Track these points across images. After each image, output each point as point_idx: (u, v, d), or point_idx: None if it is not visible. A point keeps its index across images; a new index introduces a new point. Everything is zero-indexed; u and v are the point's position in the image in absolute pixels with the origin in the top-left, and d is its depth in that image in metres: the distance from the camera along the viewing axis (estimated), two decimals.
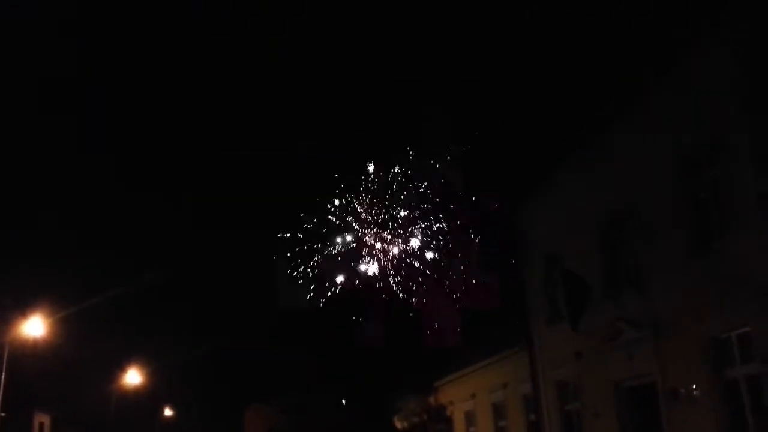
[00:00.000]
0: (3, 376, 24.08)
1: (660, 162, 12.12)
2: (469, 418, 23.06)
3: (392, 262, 31.63)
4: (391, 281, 31.23)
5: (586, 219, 14.67)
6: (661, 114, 12.21)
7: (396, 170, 31.36)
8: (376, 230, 31.82)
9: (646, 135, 12.62)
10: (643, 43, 12.22)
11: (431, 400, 26.22)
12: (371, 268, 31.55)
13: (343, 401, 36.08)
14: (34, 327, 25.56)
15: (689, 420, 11.38)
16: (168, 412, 54.60)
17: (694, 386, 11.26)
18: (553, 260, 16.21)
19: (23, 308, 26.00)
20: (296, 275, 32.49)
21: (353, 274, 32.18)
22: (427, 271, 30.54)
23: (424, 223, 30.76)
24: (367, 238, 31.69)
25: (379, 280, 31.60)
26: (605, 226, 14.27)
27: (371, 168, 31.67)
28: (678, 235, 11.72)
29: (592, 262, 14.37)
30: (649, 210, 12.48)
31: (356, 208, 32.30)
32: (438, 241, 30.75)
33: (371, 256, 32.23)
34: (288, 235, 33.04)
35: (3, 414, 24.21)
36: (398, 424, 29.31)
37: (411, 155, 30.36)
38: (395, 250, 31.45)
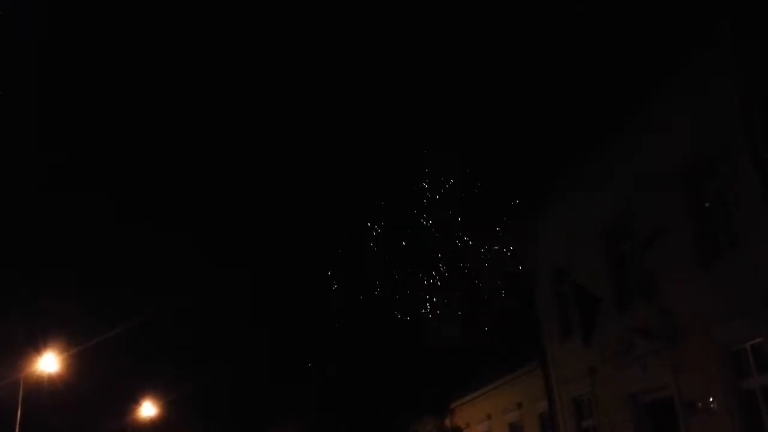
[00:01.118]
0: (19, 413, 24.13)
1: (664, 171, 12.07)
2: None
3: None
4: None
5: (592, 231, 14.60)
6: (662, 123, 12.19)
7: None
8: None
9: (648, 144, 12.60)
10: (643, 52, 12.26)
11: (447, 422, 25.98)
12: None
13: (358, 425, 35.78)
14: (48, 363, 25.69)
15: None
16: None
17: (711, 398, 11.13)
18: (561, 275, 16.13)
19: (37, 344, 26.15)
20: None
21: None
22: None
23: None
24: None
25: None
26: (611, 238, 14.21)
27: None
28: (687, 244, 11.65)
29: (600, 275, 14.28)
30: (655, 220, 12.43)
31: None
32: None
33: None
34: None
35: None
36: None
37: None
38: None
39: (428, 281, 31.13)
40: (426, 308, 31.01)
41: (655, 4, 12.20)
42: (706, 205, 11.72)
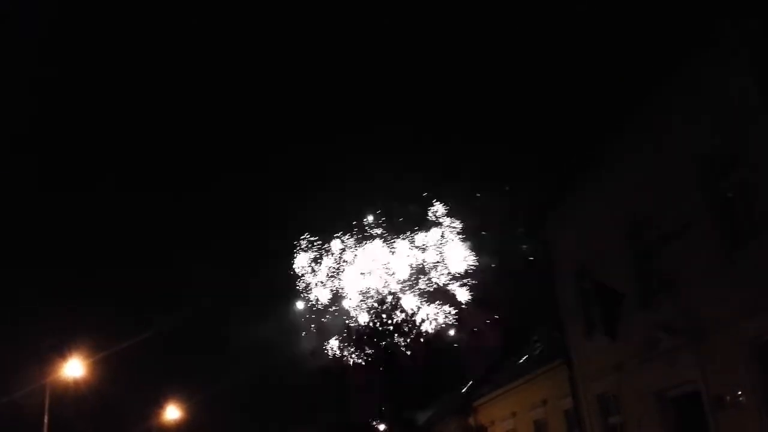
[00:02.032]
0: (46, 418, 24.41)
1: (684, 165, 11.98)
2: None
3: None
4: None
5: (614, 227, 14.51)
6: (683, 116, 12.09)
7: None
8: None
9: (668, 138, 12.51)
10: (661, 44, 12.16)
11: (471, 420, 25.92)
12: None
13: (382, 425, 35.80)
14: (74, 368, 25.97)
15: (737, 427, 11.08)
16: None
17: (740, 393, 11.00)
18: (584, 272, 16.03)
19: (62, 350, 26.45)
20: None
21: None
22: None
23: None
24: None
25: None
26: (633, 233, 14.10)
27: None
28: (710, 237, 11.53)
29: (622, 271, 14.18)
30: (678, 214, 12.32)
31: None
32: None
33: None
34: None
35: None
36: None
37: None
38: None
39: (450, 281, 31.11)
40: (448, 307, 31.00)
41: None
42: (729, 195, 11.59)
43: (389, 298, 32.26)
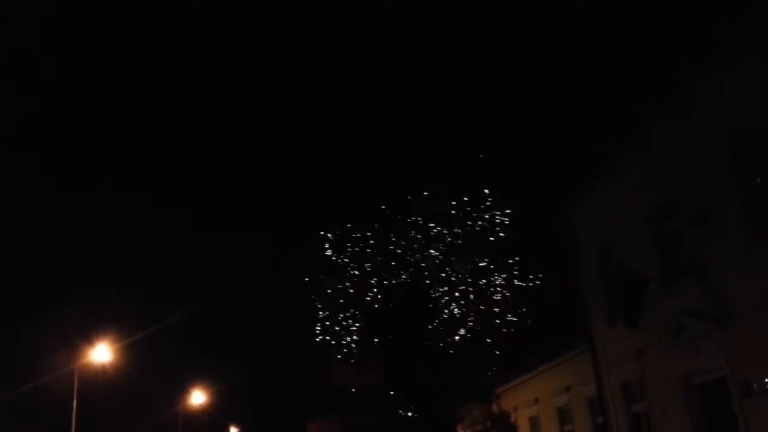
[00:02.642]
0: (75, 402, 24.89)
1: (712, 147, 11.73)
2: (534, 424, 22.64)
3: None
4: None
5: (638, 211, 14.28)
6: (709, 98, 11.82)
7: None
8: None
9: (695, 120, 12.25)
10: (689, 26, 11.93)
11: (494, 407, 25.89)
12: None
13: (405, 412, 35.89)
14: (101, 354, 26.42)
15: (765, 414, 10.89)
16: (233, 430, 55.35)
17: (767, 379, 10.80)
18: (607, 256, 15.84)
19: (90, 336, 26.90)
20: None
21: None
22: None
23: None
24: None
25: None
26: (658, 217, 13.87)
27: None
28: (736, 221, 11.31)
29: (647, 255, 13.97)
30: (705, 197, 12.08)
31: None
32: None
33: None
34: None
35: None
36: None
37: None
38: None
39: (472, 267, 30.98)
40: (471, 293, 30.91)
41: None
42: (757, 180, 11.34)
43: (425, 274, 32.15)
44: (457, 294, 31.54)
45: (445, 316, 31.53)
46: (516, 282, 30.06)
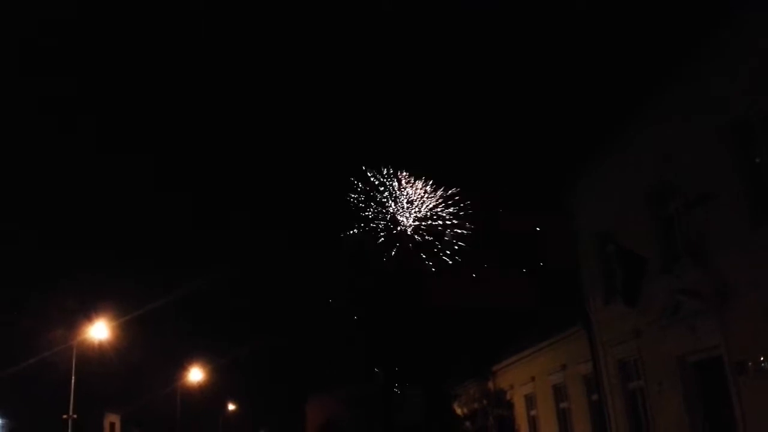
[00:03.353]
0: (73, 378, 25.01)
1: (711, 130, 11.76)
2: (530, 402, 22.88)
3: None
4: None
5: (636, 192, 14.34)
6: (709, 79, 11.84)
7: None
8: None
9: (694, 101, 12.26)
10: (688, 11, 11.87)
11: (490, 385, 26.12)
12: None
13: (402, 390, 36.19)
14: (100, 330, 26.49)
15: (759, 393, 11.05)
16: (231, 406, 55.80)
17: (762, 358, 10.92)
18: (605, 237, 15.91)
19: (88, 313, 26.98)
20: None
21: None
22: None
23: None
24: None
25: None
26: (658, 198, 13.94)
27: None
28: (735, 202, 11.37)
29: (645, 236, 14.05)
30: (704, 179, 12.13)
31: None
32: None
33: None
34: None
35: (75, 415, 25.09)
36: (458, 411, 29.31)
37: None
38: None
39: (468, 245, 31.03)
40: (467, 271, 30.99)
41: None
42: (757, 161, 11.37)
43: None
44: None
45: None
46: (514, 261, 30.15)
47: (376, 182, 33.80)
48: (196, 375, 41.15)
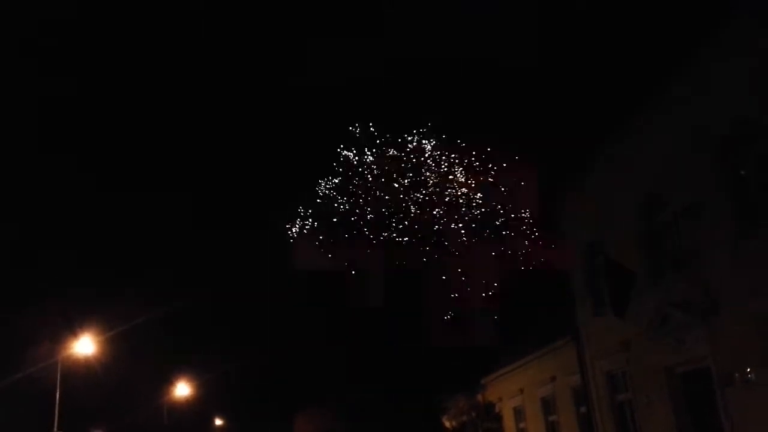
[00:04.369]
0: (58, 394, 24.71)
1: (699, 141, 11.85)
2: (519, 414, 22.85)
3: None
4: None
5: (627, 203, 14.41)
6: (696, 91, 11.94)
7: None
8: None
9: (682, 113, 12.36)
10: (677, 23, 12.01)
11: (479, 397, 26.05)
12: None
13: (391, 402, 35.98)
14: (85, 346, 26.22)
15: (746, 404, 11.07)
16: (218, 421, 55.30)
17: (749, 370, 10.97)
18: (594, 247, 15.97)
19: (73, 328, 26.70)
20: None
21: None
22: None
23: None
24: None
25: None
26: (647, 209, 14.01)
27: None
28: (723, 214, 11.44)
29: (633, 248, 14.11)
30: (693, 191, 12.21)
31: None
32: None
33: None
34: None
35: (61, 431, 24.79)
36: (447, 424, 29.20)
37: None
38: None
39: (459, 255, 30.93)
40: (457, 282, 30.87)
41: None
42: (742, 173, 11.46)
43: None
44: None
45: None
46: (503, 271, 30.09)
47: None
48: (183, 390, 40.80)
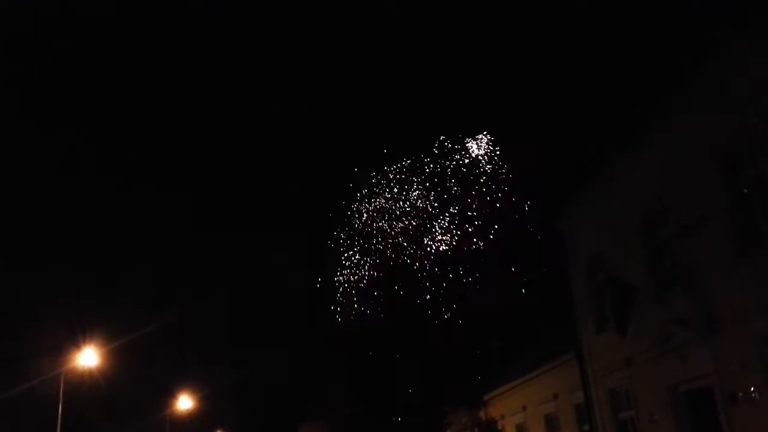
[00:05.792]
0: (60, 406, 24.70)
1: (701, 159, 11.88)
2: (521, 431, 22.73)
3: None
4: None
5: (629, 220, 14.42)
6: (699, 109, 11.98)
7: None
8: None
9: (685, 131, 12.40)
10: (679, 40, 12.07)
11: (482, 413, 25.94)
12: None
13: (393, 418, 35.80)
14: (88, 358, 26.23)
15: (749, 423, 11.01)
16: None
17: (753, 388, 10.92)
18: (597, 264, 15.96)
19: (77, 340, 26.72)
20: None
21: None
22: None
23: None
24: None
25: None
26: (649, 227, 14.01)
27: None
28: (726, 231, 11.44)
29: (636, 265, 14.10)
30: (695, 208, 12.21)
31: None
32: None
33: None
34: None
35: None
36: None
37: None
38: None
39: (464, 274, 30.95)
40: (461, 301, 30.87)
41: None
42: (744, 191, 11.48)
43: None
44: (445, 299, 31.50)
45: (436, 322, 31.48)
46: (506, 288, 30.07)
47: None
48: (185, 403, 40.72)
